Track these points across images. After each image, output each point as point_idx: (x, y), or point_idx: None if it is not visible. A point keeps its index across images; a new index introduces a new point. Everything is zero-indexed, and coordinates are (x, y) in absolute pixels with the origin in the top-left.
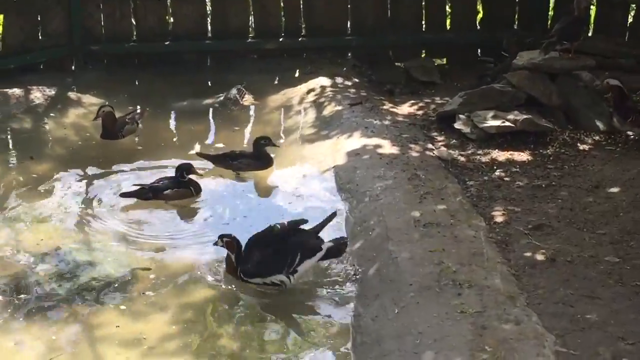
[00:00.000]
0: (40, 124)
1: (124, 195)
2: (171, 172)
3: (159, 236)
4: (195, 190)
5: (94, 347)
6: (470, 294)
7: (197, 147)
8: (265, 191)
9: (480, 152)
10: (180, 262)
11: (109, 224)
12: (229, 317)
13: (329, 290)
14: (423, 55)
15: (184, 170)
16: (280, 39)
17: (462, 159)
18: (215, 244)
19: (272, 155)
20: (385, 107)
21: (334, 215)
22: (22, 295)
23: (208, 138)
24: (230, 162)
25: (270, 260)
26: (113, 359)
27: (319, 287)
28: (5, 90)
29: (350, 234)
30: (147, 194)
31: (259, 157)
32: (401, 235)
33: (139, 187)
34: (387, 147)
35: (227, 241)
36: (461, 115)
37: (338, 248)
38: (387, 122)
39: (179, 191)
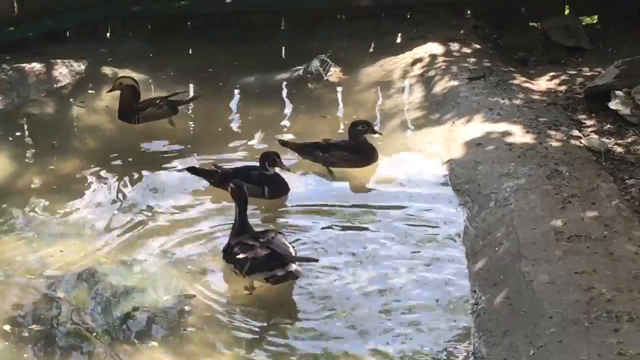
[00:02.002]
0: (67, 109)
1: (192, 170)
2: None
3: (206, 254)
4: (271, 190)
5: None
6: (631, 330)
7: (275, 136)
8: (357, 195)
9: None
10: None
11: (150, 238)
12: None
13: (442, 324)
14: (566, 12)
15: (267, 160)
16: None
17: (620, 149)
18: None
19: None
20: (516, 81)
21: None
22: (43, 328)
23: (282, 125)
24: (321, 154)
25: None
26: None
27: (427, 320)
28: (22, 65)
29: (470, 250)
30: (213, 177)
31: (357, 149)
32: (538, 252)
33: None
34: (519, 135)
35: (231, 189)
36: (618, 92)
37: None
38: (518, 102)
39: (247, 186)
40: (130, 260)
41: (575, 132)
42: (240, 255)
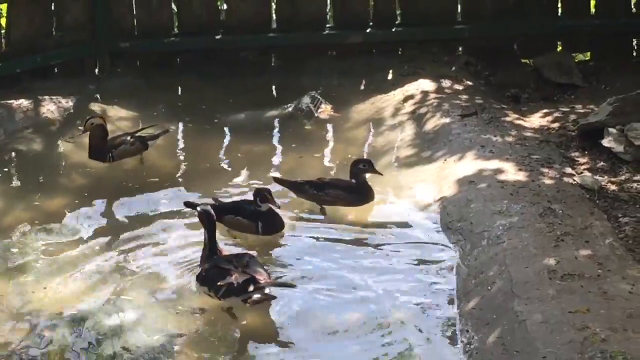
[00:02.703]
0: (54, 145)
1: (188, 204)
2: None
3: (196, 292)
4: (265, 226)
5: None
6: None
7: (271, 173)
8: (346, 233)
9: (637, 178)
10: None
11: (138, 276)
12: None
13: None
14: (559, 49)
15: (259, 197)
16: (368, 30)
17: (613, 187)
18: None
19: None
20: (508, 118)
21: None
22: None
23: (272, 162)
24: (315, 192)
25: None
26: None
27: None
28: (9, 101)
29: (462, 289)
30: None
31: (353, 188)
32: (531, 291)
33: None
34: (512, 173)
35: (199, 214)
36: (611, 129)
37: None
38: (510, 139)
39: (241, 221)
40: (118, 299)
41: (569, 170)
42: (220, 282)
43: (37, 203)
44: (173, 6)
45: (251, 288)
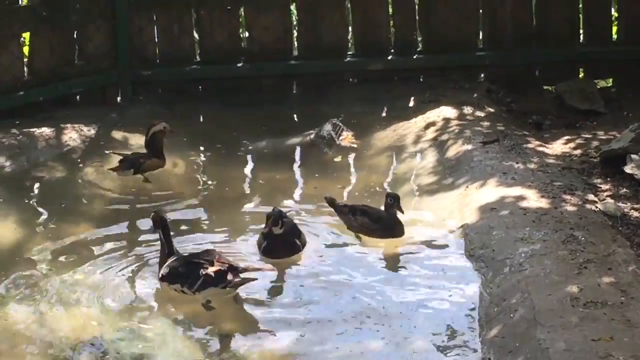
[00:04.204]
0: (76, 174)
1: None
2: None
3: (221, 320)
4: (267, 248)
5: None
6: None
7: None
8: (368, 259)
9: None
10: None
11: (159, 303)
12: None
13: None
14: (581, 76)
15: (271, 219)
16: (389, 57)
17: (636, 214)
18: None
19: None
20: (530, 145)
21: None
22: None
23: (295, 189)
24: (350, 216)
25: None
26: None
27: None
28: (31, 130)
29: (484, 316)
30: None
31: (381, 219)
32: (554, 319)
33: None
34: (534, 200)
35: (153, 217)
36: (634, 156)
37: None
38: (532, 166)
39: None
40: (139, 327)
41: (591, 197)
42: (207, 271)
43: (58, 231)
44: (195, 34)
45: (229, 277)
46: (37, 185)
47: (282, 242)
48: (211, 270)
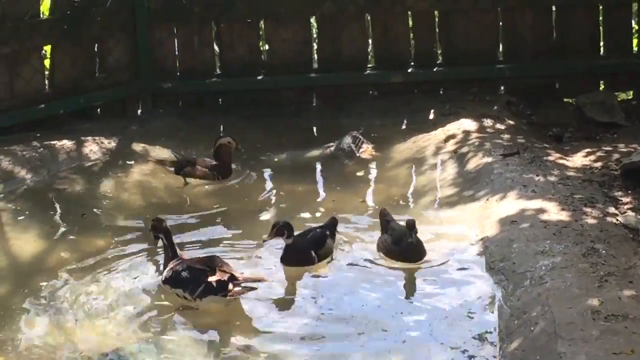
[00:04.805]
0: (96, 186)
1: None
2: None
3: (241, 332)
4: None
5: None
6: None
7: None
8: (387, 271)
9: None
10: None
11: (181, 314)
12: None
13: None
14: (601, 88)
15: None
16: (409, 70)
17: None
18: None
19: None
20: (550, 157)
21: None
22: None
23: (315, 202)
24: (381, 234)
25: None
26: None
27: None
28: (52, 142)
29: (505, 330)
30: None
31: (401, 242)
32: (574, 332)
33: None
34: (554, 212)
35: (153, 225)
36: None
37: None
38: (553, 179)
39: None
40: (160, 338)
41: (612, 209)
42: (209, 279)
43: (79, 243)
44: (215, 47)
45: (230, 286)
46: (58, 197)
47: (296, 252)
48: (213, 279)
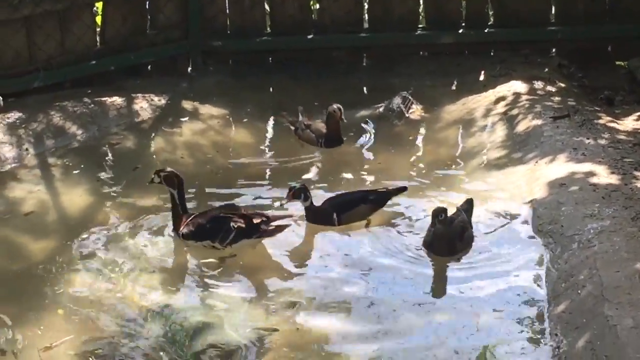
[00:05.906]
0: (147, 143)
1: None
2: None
3: (290, 288)
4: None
5: None
6: None
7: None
8: None
9: None
10: (318, 326)
11: (229, 271)
12: None
13: None
14: None
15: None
16: (460, 31)
17: None
18: (152, 181)
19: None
20: (601, 121)
21: None
22: None
23: (362, 161)
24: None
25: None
26: None
27: None
28: (103, 99)
29: (552, 292)
30: None
31: (441, 232)
32: (622, 296)
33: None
34: (604, 176)
35: (165, 175)
36: None
37: None
38: (603, 142)
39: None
40: (205, 295)
41: None
42: (238, 224)
43: (128, 200)
44: (266, 6)
45: (263, 226)
46: (108, 153)
47: (319, 212)
48: (243, 222)
